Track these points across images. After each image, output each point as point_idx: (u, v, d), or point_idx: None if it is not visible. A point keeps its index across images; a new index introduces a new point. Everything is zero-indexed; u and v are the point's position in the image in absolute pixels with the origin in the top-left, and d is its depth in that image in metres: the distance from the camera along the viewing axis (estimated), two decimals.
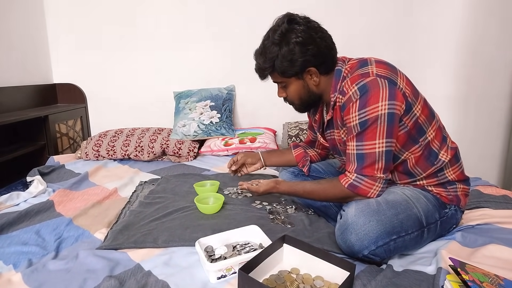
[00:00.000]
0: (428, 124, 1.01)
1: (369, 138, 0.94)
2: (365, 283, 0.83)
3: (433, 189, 1.04)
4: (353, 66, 1.02)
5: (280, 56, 0.99)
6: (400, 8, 2.24)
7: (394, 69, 0.99)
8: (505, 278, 0.77)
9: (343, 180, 0.99)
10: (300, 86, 1.06)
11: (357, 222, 0.91)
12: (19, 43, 2.23)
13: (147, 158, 1.98)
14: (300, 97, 1.09)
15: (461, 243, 1.01)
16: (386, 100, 0.91)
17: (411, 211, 0.95)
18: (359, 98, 0.93)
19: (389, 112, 0.92)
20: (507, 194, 1.37)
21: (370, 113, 0.92)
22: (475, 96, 2.25)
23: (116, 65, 2.50)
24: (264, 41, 1.04)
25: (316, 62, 1.00)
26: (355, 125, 0.95)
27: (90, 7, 2.41)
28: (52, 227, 1.16)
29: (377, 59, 1.02)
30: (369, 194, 0.97)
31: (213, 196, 1.32)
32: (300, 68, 1.00)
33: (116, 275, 0.88)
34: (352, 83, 0.96)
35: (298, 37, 0.97)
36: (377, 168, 0.95)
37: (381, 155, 0.94)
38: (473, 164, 1.90)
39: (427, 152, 1.01)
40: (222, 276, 0.86)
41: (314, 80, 1.04)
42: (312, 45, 0.98)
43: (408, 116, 0.96)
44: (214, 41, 2.40)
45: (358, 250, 0.90)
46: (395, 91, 0.93)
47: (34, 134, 2.11)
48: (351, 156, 0.98)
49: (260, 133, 2.22)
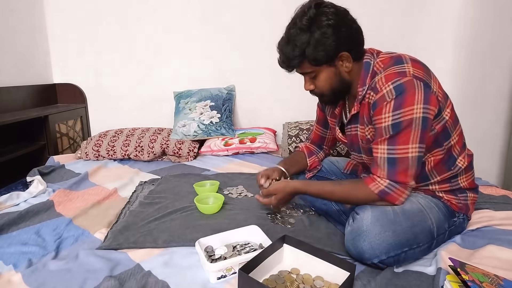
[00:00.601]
0: (453, 128, 0.98)
1: (402, 142, 0.89)
2: (365, 284, 0.83)
3: (443, 195, 1.02)
4: (386, 61, 0.96)
5: (313, 41, 0.91)
6: (399, 8, 2.24)
7: (428, 71, 0.96)
8: (505, 278, 0.77)
9: (373, 185, 0.93)
10: (331, 73, 0.98)
11: (372, 231, 0.88)
12: (19, 43, 2.23)
13: (147, 158, 1.98)
14: (332, 86, 1.00)
15: (461, 245, 1.00)
16: (421, 103, 0.87)
17: (425, 224, 0.93)
18: (395, 98, 0.88)
19: (424, 116, 0.88)
20: (507, 194, 1.37)
21: (405, 115, 0.88)
22: (475, 96, 2.24)
23: (116, 65, 2.50)
24: (289, 30, 0.96)
25: (349, 46, 0.94)
26: (387, 127, 0.90)
27: (90, 7, 2.41)
28: (52, 227, 1.16)
29: (412, 58, 0.97)
30: (397, 202, 0.93)
31: (213, 196, 1.32)
32: (334, 52, 0.93)
33: (116, 275, 0.88)
34: (387, 81, 0.90)
35: (330, 19, 0.90)
36: (409, 175, 0.91)
37: (414, 161, 0.90)
38: (473, 164, 1.89)
39: (447, 156, 0.99)
40: (222, 276, 0.86)
41: (346, 66, 0.97)
42: (344, 27, 0.92)
43: (437, 120, 0.94)
44: (214, 41, 2.40)
45: (368, 257, 0.89)
46: (429, 95, 0.89)
47: (34, 134, 2.11)
48: (381, 160, 0.92)
49: (260, 133, 2.22)
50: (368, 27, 2.42)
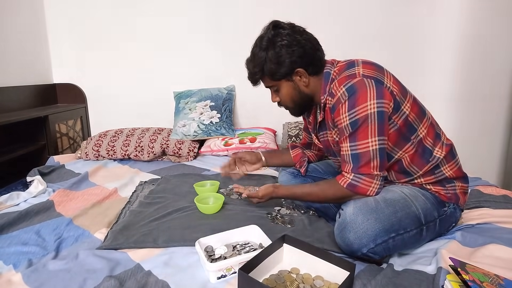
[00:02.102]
0: (418, 121, 1.02)
1: (361, 137, 0.95)
2: (365, 283, 0.83)
3: (431, 187, 1.04)
4: (341, 68, 1.05)
5: (268, 60, 1.03)
6: (399, 8, 2.24)
7: (380, 69, 1.02)
8: (505, 278, 0.77)
9: (341, 180, 1.00)
10: (290, 88, 1.08)
11: (356, 221, 0.91)
12: (19, 43, 2.23)
13: (147, 158, 1.98)
14: (293, 99, 1.11)
15: (461, 243, 1.01)
16: (374, 99, 0.93)
17: (409, 209, 0.96)
18: (348, 99, 0.95)
19: (378, 110, 0.94)
20: (507, 194, 1.37)
21: (360, 112, 0.94)
22: (474, 96, 2.24)
23: (116, 65, 2.50)
24: (252, 49, 1.08)
25: (303, 63, 1.03)
26: (346, 126, 0.97)
27: (90, 7, 2.41)
28: (52, 227, 1.16)
29: (364, 60, 1.04)
30: (368, 192, 0.98)
31: (213, 196, 1.32)
32: (288, 69, 1.03)
33: (116, 275, 0.88)
34: (340, 84, 0.98)
35: (283, 40, 1.01)
36: (373, 166, 0.96)
37: (375, 153, 0.95)
38: (473, 164, 1.89)
39: (421, 149, 1.02)
40: (222, 276, 0.86)
41: (303, 81, 1.06)
42: (297, 47, 1.01)
43: (398, 115, 0.98)
44: (214, 41, 2.40)
45: (357, 248, 0.91)
46: (382, 90, 0.95)
47: (34, 134, 2.11)
48: (346, 157, 0.99)
49: (260, 133, 2.22)
50: (367, 28, 2.43)
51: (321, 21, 2.12)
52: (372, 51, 2.21)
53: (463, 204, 1.09)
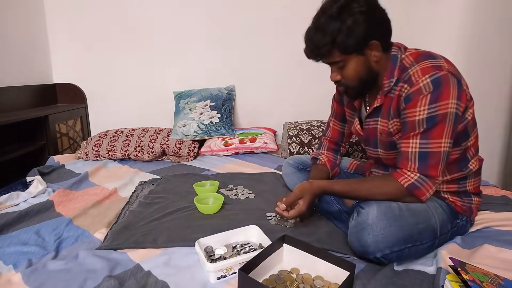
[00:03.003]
0: (472, 130, 0.99)
1: (436, 136, 0.88)
2: (365, 283, 0.83)
3: (448, 197, 1.02)
4: (416, 55, 0.95)
5: (345, 29, 0.89)
6: (398, 8, 2.24)
7: (458, 70, 0.96)
8: (505, 278, 0.77)
9: (402, 178, 0.92)
10: (360, 62, 0.96)
11: (378, 224, 0.87)
12: (19, 43, 2.22)
13: (147, 158, 1.98)
14: (359, 76, 0.98)
15: (461, 246, 1.00)
16: (455, 98, 0.88)
17: (429, 222, 0.93)
18: (432, 91, 0.87)
19: (456, 112, 0.89)
20: (507, 194, 1.37)
21: (440, 109, 0.87)
22: (474, 96, 2.23)
23: (116, 65, 2.49)
24: (318, 18, 0.93)
25: (379, 35, 0.94)
26: (421, 120, 0.89)
27: (90, 7, 2.41)
28: (52, 227, 1.16)
29: (443, 56, 0.97)
30: (424, 197, 0.92)
31: (213, 196, 1.32)
32: (365, 40, 0.92)
33: (116, 275, 0.88)
34: (424, 73, 0.89)
35: (362, 6, 0.89)
36: (439, 169, 0.90)
37: (445, 156, 0.90)
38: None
39: (462, 157, 0.99)
40: (222, 276, 0.86)
41: (375, 55, 0.95)
42: (376, 15, 0.92)
43: (462, 119, 0.94)
44: (214, 41, 2.40)
45: (372, 251, 0.88)
46: (461, 91, 0.90)
47: (34, 134, 2.11)
48: (412, 155, 0.91)
49: (260, 133, 2.22)
50: None
51: None
52: None
53: (474, 219, 1.08)
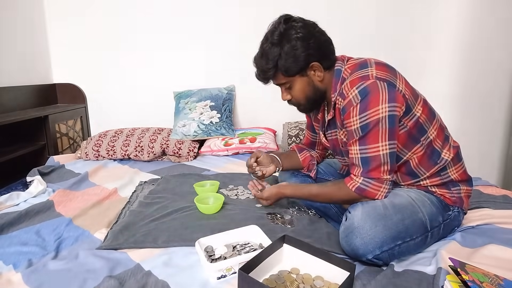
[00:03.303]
0: (429, 123, 1.01)
1: (371, 141, 0.94)
2: (365, 283, 0.83)
3: (436, 190, 1.04)
4: (353, 67, 1.01)
5: (284, 54, 0.98)
6: (398, 8, 2.24)
7: (393, 71, 1.00)
8: (505, 278, 0.77)
9: (350, 183, 0.99)
10: (305, 83, 1.04)
11: (363, 227, 0.90)
12: (19, 43, 2.22)
13: (147, 158, 1.98)
14: (306, 95, 1.06)
15: (461, 243, 1.01)
16: (386, 102, 0.91)
17: (416, 216, 0.95)
18: (360, 102, 0.93)
19: (390, 114, 0.92)
20: (507, 194, 1.37)
21: (371, 116, 0.92)
22: (474, 96, 2.24)
23: (116, 65, 2.49)
24: (262, 45, 1.03)
25: (318, 56, 1.00)
26: (356, 129, 0.95)
27: (90, 7, 2.41)
28: (52, 227, 1.16)
29: (377, 61, 1.02)
30: (377, 196, 0.97)
31: (213, 196, 1.32)
32: (304, 63, 0.99)
33: (116, 275, 0.88)
34: (352, 86, 0.96)
35: (298, 33, 0.97)
36: (383, 171, 0.95)
37: (385, 157, 0.94)
38: (473, 164, 1.89)
39: (430, 151, 1.01)
40: (222, 276, 0.86)
41: (318, 75, 1.03)
42: (313, 39, 0.98)
43: (408, 117, 0.97)
44: (214, 41, 2.40)
45: (362, 254, 0.90)
46: (394, 93, 0.93)
47: (34, 134, 2.11)
48: (355, 160, 0.98)
49: (260, 133, 2.22)
50: (367, 28, 2.43)
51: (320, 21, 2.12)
52: (370, 52, 2.20)
53: (466, 208, 1.09)
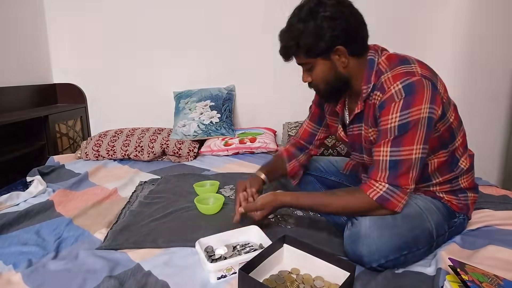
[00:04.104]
0: (458, 130, 0.98)
1: (407, 143, 0.86)
2: (365, 284, 0.83)
3: (444, 196, 1.01)
4: (392, 60, 0.94)
5: (306, 32, 0.90)
6: (398, 8, 2.24)
7: (435, 73, 0.95)
8: (505, 279, 0.77)
9: (371, 191, 0.89)
10: (326, 67, 0.95)
11: (370, 235, 0.87)
12: (19, 43, 2.22)
13: (147, 158, 1.98)
14: (327, 80, 0.97)
15: (461, 245, 1.00)
16: (428, 103, 0.86)
17: (424, 226, 0.92)
18: (404, 98, 0.85)
19: (429, 116, 0.86)
20: (507, 194, 1.37)
21: (413, 115, 0.85)
22: (475, 96, 2.24)
23: (116, 65, 2.49)
24: (290, 19, 0.94)
25: (345, 40, 0.90)
26: (393, 128, 0.87)
27: (90, 7, 2.41)
28: (52, 227, 1.16)
29: (417, 59, 0.95)
30: (397, 208, 0.89)
31: (213, 196, 1.32)
32: (328, 45, 0.90)
33: (116, 275, 0.88)
34: (395, 80, 0.88)
35: (326, 11, 0.88)
36: (411, 177, 0.88)
37: (416, 163, 0.87)
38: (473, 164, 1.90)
39: (451, 158, 0.98)
40: (222, 276, 0.86)
41: (342, 61, 0.94)
42: (341, 20, 0.89)
43: (442, 122, 0.92)
44: (214, 41, 2.40)
45: (367, 262, 0.88)
46: (436, 95, 0.88)
47: (34, 134, 2.11)
48: (382, 163, 0.88)
49: (260, 133, 2.22)
50: None
51: None
52: None
53: (471, 214, 1.08)
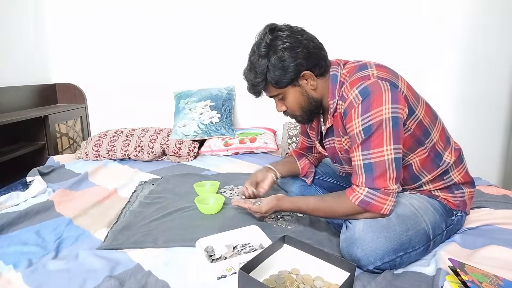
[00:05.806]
0: (432, 125, 0.99)
1: (375, 145, 0.88)
2: (365, 284, 0.83)
3: (440, 194, 1.02)
4: (351, 70, 0.98)
5: (271, 66, 0.95)
6: (399, 9, 2.24)
7: (394, 73, 0.97)
8: (505, 279, 0.77)
9: (352, 196, 0.92)
10: (298, 93, 1.00)
11: (365, 238, 0.87)
12: (19, 43, 2.23)
13: (147, 158, 1.98)
14: (301, 106, 1.02)
15: (461, 245, 1.00)
16: (389, 103, 0.87)
17: (419, 226, 0.92)
18: (361, 102, 0.88)
19: (393, 116, 0.87)
20: (507, 194, 1.37)
21: (374, 117, 0.87)
22: (475, 96, 2.24)
23: (116, 65, 2.50)
24: (250, 58, 1.00)
25: (309, 65, 0.96)
26: (358, 132, 0.90)
27: (90, 7, 2.41)
28: (52, 227, 1.16)
29: (377, 63, 0.98)
30: (383, 210, 0.89)
31: (214, 196, 1.32)
32: (294, 73, 0.95)
33: (116, 275, 0.88)
34: (352, 86, 0.92)
35: (285, 43, 0.93)
36: (388, 178, 0.88)
37: (391, 163, 0.88)
38: (474, 164, 1.87)
39: (433, 154, 0.99)
40: (222, 276, 0.86)
41: (311, 84, 0.99)
42: (300, 48, 0.94)
43: (411, 119, 0.93)
44: (214, 41, 2.40)
45: (363, 264, 0.88)
46: (397, 94, 0.89)
47: (34, 134, 2.11)
48: (358, 168, 0.91)
49: (260, 133, 2.22)
50: (367, 29, 2.42)
51: (319, 21, 2.13)
52: (372, 52, 2.21)
53: (469, 209, 1.07)
